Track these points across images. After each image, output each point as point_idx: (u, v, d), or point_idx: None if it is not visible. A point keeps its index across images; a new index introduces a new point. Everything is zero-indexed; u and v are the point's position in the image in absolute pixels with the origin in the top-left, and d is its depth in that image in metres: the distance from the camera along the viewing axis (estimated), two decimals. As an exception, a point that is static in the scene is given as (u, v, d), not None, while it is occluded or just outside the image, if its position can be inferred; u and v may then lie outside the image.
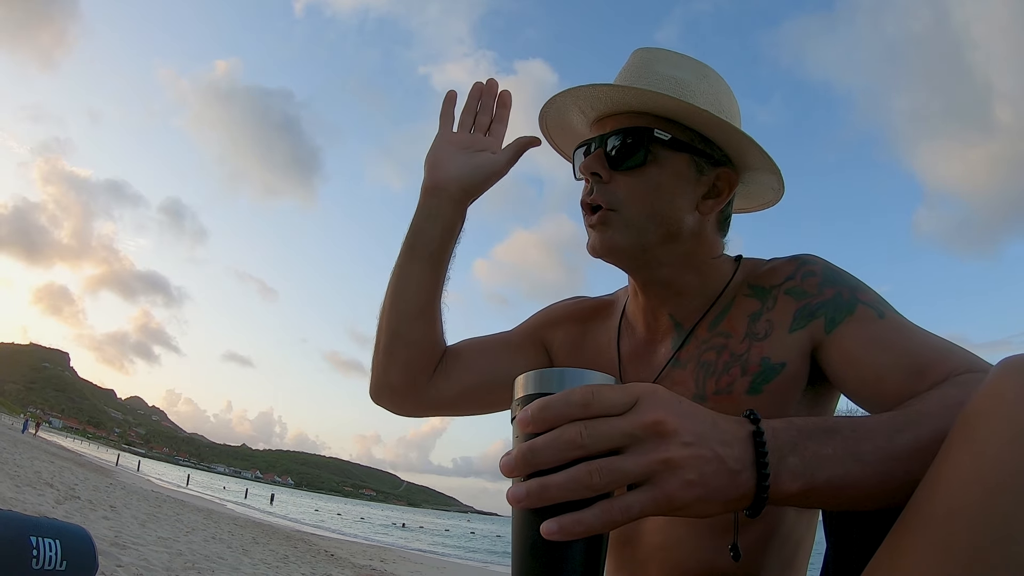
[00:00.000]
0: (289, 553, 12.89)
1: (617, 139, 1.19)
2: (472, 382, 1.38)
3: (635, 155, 1.18)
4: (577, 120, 1.30)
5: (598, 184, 1.20)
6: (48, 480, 13.63)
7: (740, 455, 0.71)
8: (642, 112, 1.19)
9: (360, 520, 76.12)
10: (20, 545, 1.00)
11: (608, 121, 1.23)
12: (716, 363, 1.18)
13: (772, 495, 0.72)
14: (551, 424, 0.67)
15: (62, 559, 1.05)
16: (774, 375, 1.13)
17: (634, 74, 1.23)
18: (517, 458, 0.67)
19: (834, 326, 1.09)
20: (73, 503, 10.45)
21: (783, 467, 0.72)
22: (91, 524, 8.06)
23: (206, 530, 12.98)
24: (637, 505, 0.66)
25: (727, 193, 1.24)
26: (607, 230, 1.19)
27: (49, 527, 1.07)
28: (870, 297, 1.10)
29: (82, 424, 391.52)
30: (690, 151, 1.19)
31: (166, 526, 11.15)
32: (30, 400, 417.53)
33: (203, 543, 10.12)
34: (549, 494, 0.66)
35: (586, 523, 0.65)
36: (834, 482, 0.73)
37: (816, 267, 1.17)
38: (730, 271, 1.26)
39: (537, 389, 0.72)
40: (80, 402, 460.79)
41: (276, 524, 28.09)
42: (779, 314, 1.16)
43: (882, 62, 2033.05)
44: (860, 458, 0.74)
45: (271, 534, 18.26)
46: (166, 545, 8.29)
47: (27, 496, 9.25)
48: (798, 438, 0.74)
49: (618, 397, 0.68)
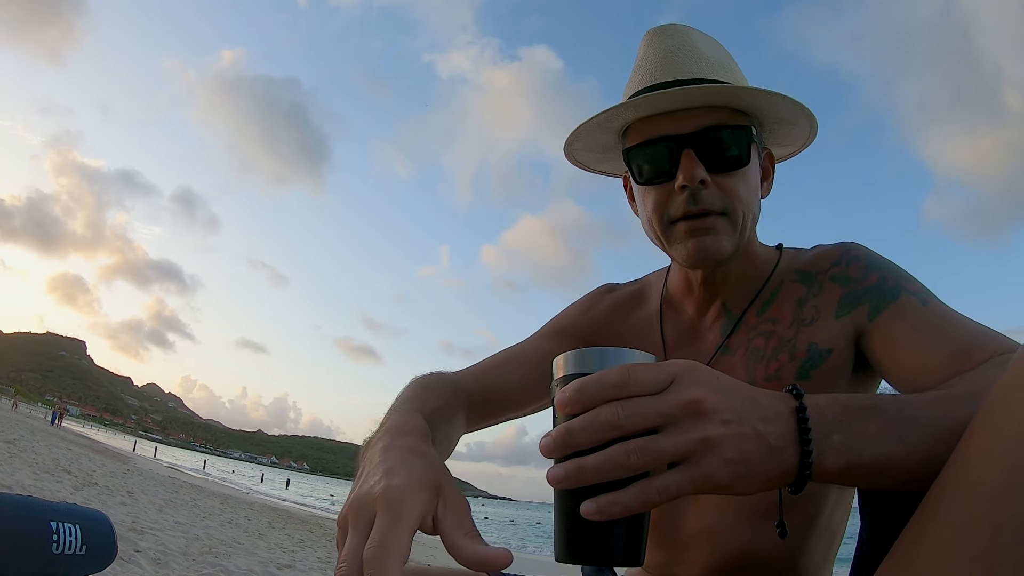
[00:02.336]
0: (305, 537, 12.97)
1: (714, 139, 1.10)
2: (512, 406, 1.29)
3: (740, 155, 1.12)
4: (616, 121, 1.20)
5: (701, 190, 1.10)
6: (66, 467, 13.75)
7: (783, 432, 0.69)
8: (721, 107, 1.11)
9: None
10: (40, 530, 1.01)
11: (683, 119, 1.11)
12: (765, 349, 1.18)
13: (815, 472, 0.70)
14: (588, 405, 0.67)
15: (82, 544, 1.06)
16: (822, 361, 1.13)
17: (684, 59, 1.15)
18: (555, 439, 0.67)
19: (878, 313, 1.09)
20: (91, 489, 10.54)
21: (827, 444, 0.70)
22: (109, 510, 8.13)
23: (222, 515, 13.07)
24: (675, 485, 0.65)
25: (773, 174, 1.26)
26: (712, 236, 1.12)
27: (69, 512, 1.09)
28: (914, 285, 1.10)
29: (99, 411, 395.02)
30: (759, 140, 1.17)
31: (183, 511, 11.23)
32: (47, 388, 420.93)
33: (219, 528, 10.20)
34: (586, 475, 0.65)
35: (623, 503, 0.65)
36: (879, 461, 0.72)
37: (861, 254, 1.17)
38: (774, 258, 1.26)
39: (576, 369, 0.71)
40: (97, 390, 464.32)
41: (291, 509, 28.26)
42: (825, 300, 1.16)
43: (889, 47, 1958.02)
44: (903, 437, 0.73)
45: (287, 519, 18.36)
46: (183, 530, 8.36)
47: (46, 483, 9.34)
48: (842, 415, 0.72)
49: (655, 376, 0.67)
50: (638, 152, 1.16)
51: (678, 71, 1.14)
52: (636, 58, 1.23)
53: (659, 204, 1.14)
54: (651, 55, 1.18)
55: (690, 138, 1.10)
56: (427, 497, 0.68)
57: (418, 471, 0.71)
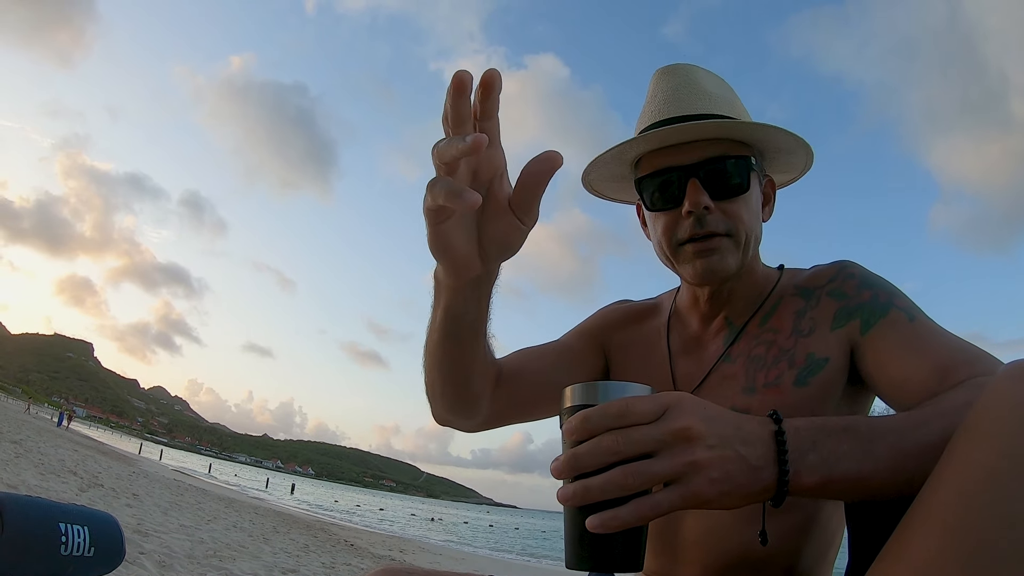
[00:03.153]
0: (309, 542, 12.98)
1: (717, 170, 1.22)
2: (535, 395, 1.38)
3: (740, 183, 1.23)
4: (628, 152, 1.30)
5: (705, 215, 1.21)
6: (72, 468, 13.80)
7: (763, 453, 0.79)
8: (723, 139, 1.23)
9: (380, 511, 76.57)
10: (49, 531, 1.01)
11: (690, 150, 1.22)
12: (765, 357, 1.25)
13: (792, 488, 0.80)
14: (592, 433, 0.77)
15: (90, 545, 1.06)
16: (819, 369, 1.19)
17: (688, 96, 1.27)
18: (564, 463, 0.78)
19: (869, 327, 1.16)
20: (96, 491, 10.58)
21: (803, 463, 0.80)
22: (114, 512, 8.11)
23: (227, 518, 13.09)
24: (667, 502, 0.76)
25: (774, 199, 1.37)
26: (716, 256, 1.23)
27: (77, 514, 1.08)
28: (904, 302, 1.17)
29: (105, 413, 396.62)
30: (759, 169, 1.28)
31: (188, 514, 11.26)
32: (54, 389, 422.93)
33: (224, 531, 10.22)
34: (591, 494, 0.76)
35: (621, 518, 0.75)
36: (849, 476, 0.81)
37: (855, 271, 1.25)
38: (775, 276, 1.36)
39: (581, 401, 0.82)
40: (103, 391, 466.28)
41: (296, 513, 28.29)
42: (822, 313, 1.23)
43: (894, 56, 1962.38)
44: (873, 454, 0.82)
45: (291, 523, 18.39)
46: (188, 533, 8.38)
47: (52, 484, 9.38)
48: (817, 436, 0.82)
49: (649, 407, 0.77)
50: (649, 182, 1.27)
51: (684, 107, 1.26)
52: (647, 95, 1.35)
53: (668, 228, 1.26)
54: (659, 93, 1.31)
55: (695, 168, 1.22)
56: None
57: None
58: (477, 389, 1.24)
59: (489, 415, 1.33)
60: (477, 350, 1.16)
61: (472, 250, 0.93)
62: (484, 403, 1.29)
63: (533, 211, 0.89)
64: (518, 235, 0.92)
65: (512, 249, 0.95)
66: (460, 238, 0.91)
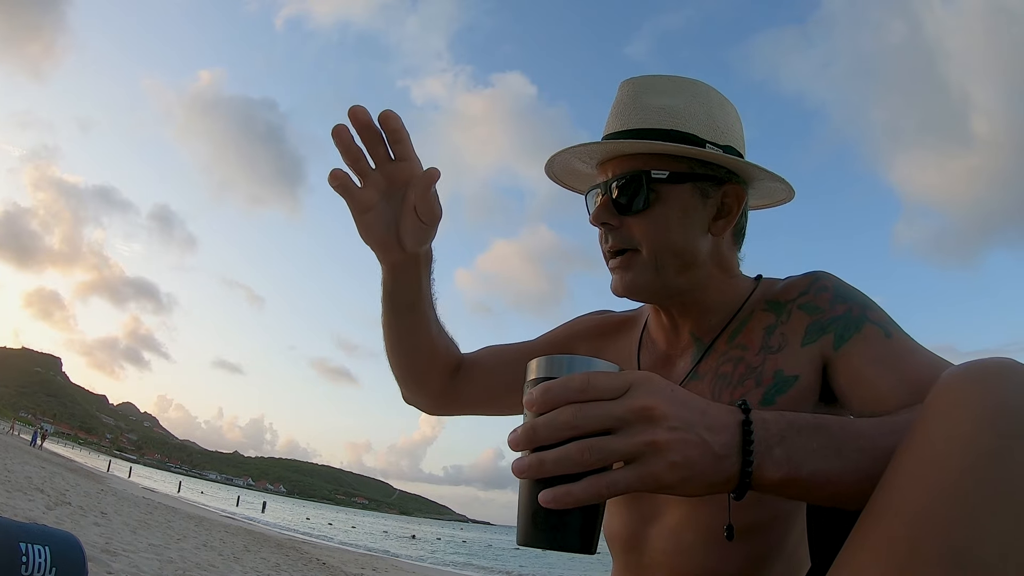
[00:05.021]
0: (281, 561, 12.84)
1: (618, 185, 1.23)
2: (492, 386, 1.47)
3: (638, 198, 1.22)
4: (581, 166, 1.36)
5: (612, 231, 1.25)
6: (39, 485, 13.56)
7: (727, 441, 0.77)
8: (641, 154, 1.23)
9: (352, 528, 75.90)
10: (9, 551, 1.00)
11: (608, 166, 1.27)
12: (732, 375, 1.22)
13: (755, 481, 0.78)
14: (551, 406, 0.75)
15: (51, 565, 1.04)
16: (787, 387, 1.16)
17: (625, 110, 1.27)
18: (521, 435, 0.76)
19: (843, 342, 1.13)
20: (64, 509, 10.40)
21: (768, 457, 0.78)
22: (82, 530, 8.03)
23: (197, 537, 12.92)
24: (623, 481, 0.73)
25: (737, 209, 1.28)
26: (628, 272, 1.24)
27: (38, 533, 1.07)
28: (879, 316, 1.14)
29: (74, 429, 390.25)
30: (691, 179, 1.23)
31: (157, 533, 11.10)
32: (21, 405, 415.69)
33: (194, 550, 10.08)
34: (545, 468, 0.73)
35: (575, 495, 0.72)
36: (816, 475, 0.79)
37: (829, 283, 1.22)
38: (749, 288, 1.31)
39: (544, 373, 0.80)
40: (72, 407, 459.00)
41: (267, 532, 27.97)
42: (793, 328, 1.20)
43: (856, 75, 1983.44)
44: (842, 455, 0.80)
45: (262, 542, 18.18)
46: (157, 552, 8.26)
47: (17, 501, 9.20)
48: (786, 431, 0.80)
49: (612, 383, 0.75)
50: (588, 196, 1.33)
51: (618, 124, 1.28)
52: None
53: (599, 241, 1.30)
54: (613, 107, 1.32)
55: (606, 185, 1.26)
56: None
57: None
58: (424, 364, 1.41)
59: (444, 398, 1.47)
60: (418, 325, 1.34)
61: (391, 239, 1.16)
62: (435, 381, 1.44)
63: (431, 213, 1.14)
64: (424, 230, 1.17)
65: (423, 240, 1.20)
66: (378, 228, 1.16)
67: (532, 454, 0.75)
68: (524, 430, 0.76)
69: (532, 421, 0.76)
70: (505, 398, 1.46)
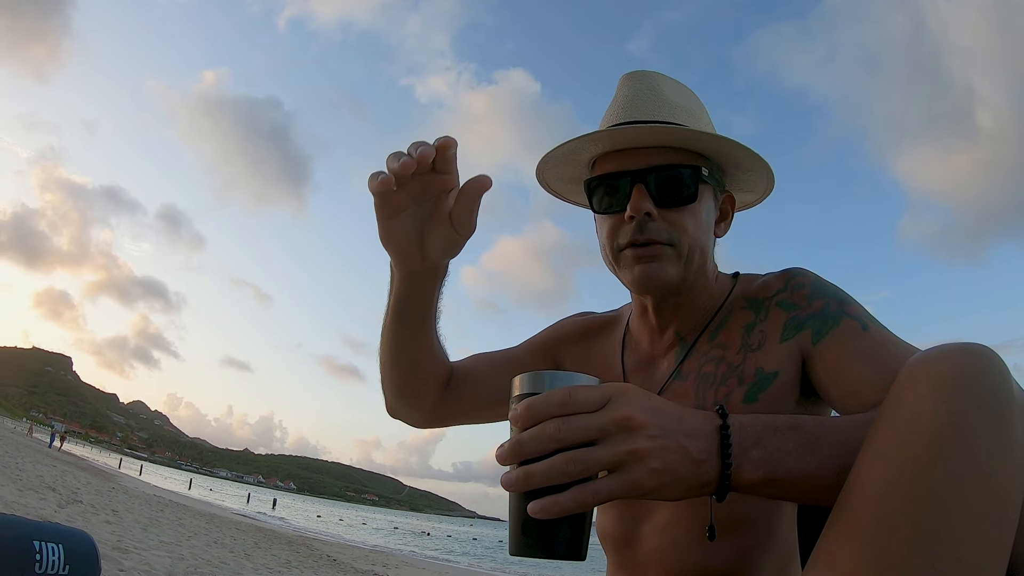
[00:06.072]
0: (291, 558, 12.89)
1: (664, 176, 1.21)
2: (481, 398, 1.45)
3: (684, 192, 1.21)
4: (584, 152, 1.30)
5: (648, 222, 1.20)
6: (51, 484, 13.63)
7: (705, 446, 0.81)
8: (678, 148, 1.22)
9: (363, 525, 76.04)
10: (23, 549, 1.00)
11: (639, 155, 1.22)
12: (715, 375, 1.24)
13: (734, 483, 0.82)
14: (535, 420, 0.79)
15: (65, 563, 1.05)
16: (768, 384, 1.18)
17: (648, 102, 1.26)
18: (508, 449, 0.80)
19: (820, 337, 1.15)
20: (75, 507, 10.46)
21: (746, 459, 0.82)
22: (93, 528, 8.07)
23: (208, 535, 12.98)
24: (607, 490, 0.77)
25: (731, 216, 1.36)
26: (657, 263, 1.21)
27: (52, 531, 1.08)
28: (855, 310, 1.16)
29: (84, 428, 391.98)
30: (713, 181, 1.26)
31: (168, 531, 11.14)
32: (32, 404, 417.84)
33: (205, 547, 10.12)
34: (533, 480, 0.77)
35: (561, 504, 0.76)
36: (793, 474, 0.83)
37: (806, 279, 1.24)
38: (728, 286, 1.34)
39: (528, 389, 0.83)
40: (83, 406, 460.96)
41: (278, 529, 28.06)
42: (771, 325, 1.22)
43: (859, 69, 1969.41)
44: (818, 453, 0.83)
45: (273, 539, 18.25)
46: (168, 549, 8.29)
47: (29, 500, 9.26)
48: (763, 432, 0.84)
49: (592, 396, 0.79)
50: (598, 184, 1.27)
51: (642, 112, 1.25)
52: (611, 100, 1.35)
53: (611, 232, 1.25)
54: (621, 97, 1.30)
55: (642, 174, 1.21)
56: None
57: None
58: (422, 378, 1.36)
59: (436, 413, 1.43)
60: (423, 338, 1.30)
61: (414, 246, 1.11)
62: (429, 396, 1.39)
63: (468, 224, 1.08)
64: (455, 242, 1.11)
65: (450, 253, 1.14)
66: (404, 234, 1.09)
67: (519, 467, 0.79)
68: (511, 445, 0.79)
69: (518, 436, 0.79)
70: (494, 408, 1.45)
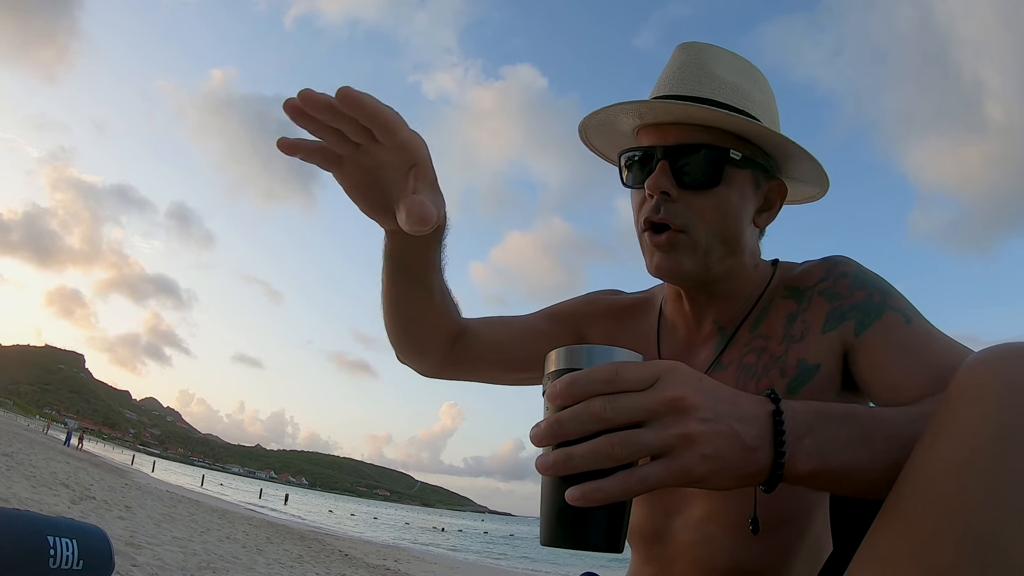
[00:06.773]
0: (303, 553, 12.93)
1: (688, 156, 1.15)
2: (492, 359, 1.40)
3: (709, 175, 1.15)
4: (623, 122, 1.25)
5: (666, 202, 1.16)
6: (64, 480, 13.71)
7: (758, 432, 0.75)
8: (710, 127, 1.16)
9: (374, 520, 76.26)
10: (37, 544, 1.01)
11: (670, 131, 1.17)
12: (756, 366, 1.20)
13: (786, 473, 0.76)
14: (577, 398, 0.71)
15: (79, 559, 1.06)
16: (810, 377, 1.14)
17: (693, 76, 1.20)
18: (545, 429, 0.72)
19: (863, 329, 1.11)
20: (88, 503, 10.51)
21: (799, 447, 0.76)
22: (106, 524, 8.11)
23: (220, 530, 13.03)
24: (655, 476, 0.70)
25: (779, 206, 1.27)
26: (673, 254, 1.17)
27: (66, 527, 1.08)
28: (899, 302, 1.12)
29: (97, 425, 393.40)
30: (753, 166, 1.19)
31: (181, 526, 11.19)
32: (45, 401, 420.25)
33: (217, 543, 10.16)
34: (573, 463, 0.70)
35: (606, 491, 0.69)
36: (846, 465, 0.78)
37: (848, 269, 1.19)
38: (768, 274, 1.29)
39: (567, 364, 0.76)
40: (95, 403, 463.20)
41: (290, 524, 28.15)
42: (813, 315, 1.18)
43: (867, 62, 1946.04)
44: (872, 445, 0.79)
45: (285, 534, 18.30)
46: (181, 545, 8.33)
47: (43, 496, 9.31)
48: (816, 421, 0.78)
49: (641, 373, 0.72)
50: (628, 156, 1.23)
51: (681, 87, 1.19)
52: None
53: (636, 207, 1.22)
54: (667, 70, 1.24)
55: (668, 150, 1.16)
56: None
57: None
58: (421, 332, 1.29)
59: (442, 365, 1.36)
60: (417, 293, 1.21)
61: (378, 210, 1.00)
62: (433, 350, 1.32)
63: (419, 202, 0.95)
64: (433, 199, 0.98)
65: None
66: (367, 205, 1.00)
67: (557, 449, 0.71)
68: (548, 424, 0.72)
69: (556, 415, 0.72)
70: (502, 370, 1.42)
